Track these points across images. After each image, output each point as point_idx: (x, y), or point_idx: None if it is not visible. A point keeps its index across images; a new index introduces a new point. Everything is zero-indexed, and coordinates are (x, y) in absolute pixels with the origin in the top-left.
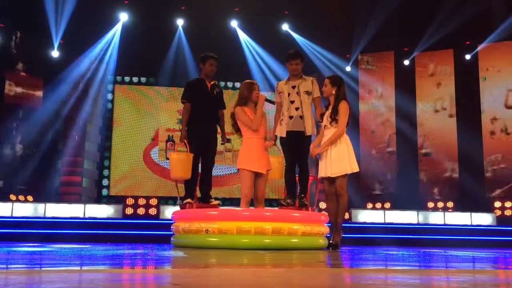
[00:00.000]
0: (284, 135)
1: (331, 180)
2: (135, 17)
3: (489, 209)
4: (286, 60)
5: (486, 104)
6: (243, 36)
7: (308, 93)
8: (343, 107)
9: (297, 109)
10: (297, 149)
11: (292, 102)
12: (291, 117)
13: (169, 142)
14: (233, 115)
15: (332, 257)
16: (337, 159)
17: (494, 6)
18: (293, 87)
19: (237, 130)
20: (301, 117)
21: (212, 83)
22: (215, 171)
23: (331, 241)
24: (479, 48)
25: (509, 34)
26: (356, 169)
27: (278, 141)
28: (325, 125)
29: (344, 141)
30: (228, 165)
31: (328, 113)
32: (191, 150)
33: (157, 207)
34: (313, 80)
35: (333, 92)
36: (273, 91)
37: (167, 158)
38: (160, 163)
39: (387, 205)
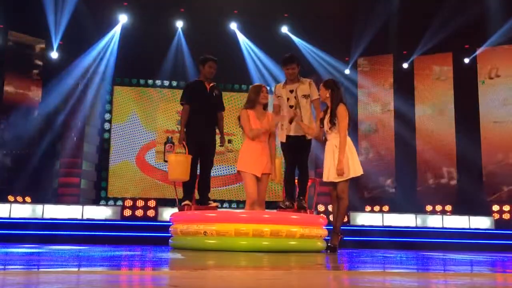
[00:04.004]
0: (284, 140)
1: (335, 184)
2: (134, 19)
3: (487, 212)
4: (282, 65)
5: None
6: (242, 38)
7: (305, 96)
8: (341, 111)
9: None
10: (298, 153)
11: (291, 106)
12: (291, 122)
13: (168, 144)
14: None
15: (331, 259)
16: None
17: (492, 10)
18: (291, 91)
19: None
20: (301, 121)
21: (211, 85)
22: (216, 171)
23: (329, 244)
24: (478, 51)
25: (508, 38)
26: (359, 172)
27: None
28: (326, 130)
29: (347, 145)
30: (229, 165)
31: (327, 117)
32: (190, 152)
33: (155, 208)
34: (310, 82)
35: (327, 95)
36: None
37: (165, 161)
38: (158, 165)
39: (386, 208)
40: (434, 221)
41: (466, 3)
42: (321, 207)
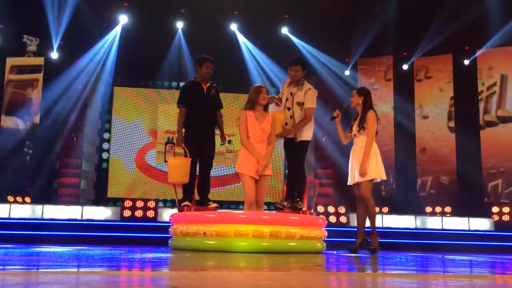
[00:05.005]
0: (282, 139)
1: (359, 186)
2: (135, 19)
3: (487, 214)
4: (287, 65)
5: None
6: (242, 39)
7: (299, 104)
8: (371, 117)
9: (291, 117)
10: (291, 154)
11: (288, 108)
12: (286, 124)
13: (169, 145)
14: None
15: (330, 260)
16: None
17: (492, 11)
18: (291, 93)
19: None
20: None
21: (207, 85)
22: (216, 172)
23: (370, 246)
24: (478, 53)
25: (508, 39)
26: (383, 176)
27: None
28: (354, 134)
29: (373, 149)
30: (228, 166)
31: (356, 122)
32: (189, 153)
33: (155, 209)
34: (307, 90)
35: (360, 102)
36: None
37: (166, 161)
38: (158, 165)
39: (385, 209)
40: (433, 223)
41: (466, 4)
42: (320, 208)
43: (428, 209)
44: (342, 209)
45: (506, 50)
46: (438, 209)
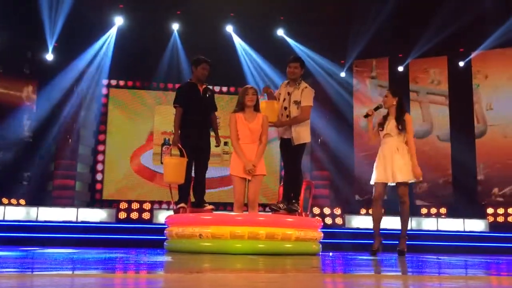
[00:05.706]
0: (279, 139)
1: (385, 186)
2: (130, 21)
3: (482, 215)
4: (286, 63)
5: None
6: (238, 41)
7: (296, 103)
8: (409, 119)
9: (288, 116)
10: (287, 156)
11: (285, 108)
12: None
13: (165, 146)
14: None
15: (325, 262)
16: (403, 167)
17: (488, 14)
18: (288, 93)
19: None
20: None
21: (203, 87)
22: (213, 173)
23: (398, 248)
24: (472, 55)
25: (502, 41)
26: (420, 177)
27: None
28: (387, 133)
29: (407, 150)
30: (224, 167)
31: (394, 123)
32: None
33: (151, 211)
34: (304, 89)
35: (394, 102)
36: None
37: (162, 163)
38: (154, 167)
39: None
40: (429, 224)
41: (461, 7)
42: (316, 210)
43: (424, 210)
44: (338, 211)
45: (500, 52)
46: (433, 210)
